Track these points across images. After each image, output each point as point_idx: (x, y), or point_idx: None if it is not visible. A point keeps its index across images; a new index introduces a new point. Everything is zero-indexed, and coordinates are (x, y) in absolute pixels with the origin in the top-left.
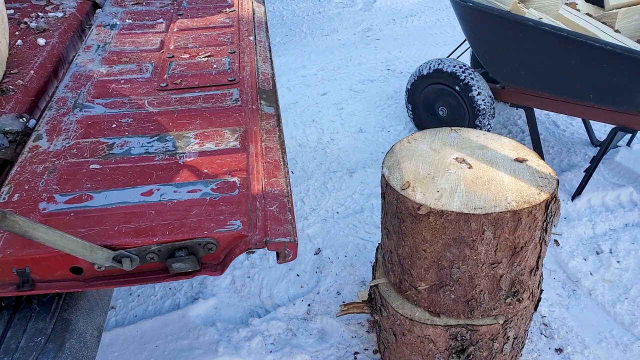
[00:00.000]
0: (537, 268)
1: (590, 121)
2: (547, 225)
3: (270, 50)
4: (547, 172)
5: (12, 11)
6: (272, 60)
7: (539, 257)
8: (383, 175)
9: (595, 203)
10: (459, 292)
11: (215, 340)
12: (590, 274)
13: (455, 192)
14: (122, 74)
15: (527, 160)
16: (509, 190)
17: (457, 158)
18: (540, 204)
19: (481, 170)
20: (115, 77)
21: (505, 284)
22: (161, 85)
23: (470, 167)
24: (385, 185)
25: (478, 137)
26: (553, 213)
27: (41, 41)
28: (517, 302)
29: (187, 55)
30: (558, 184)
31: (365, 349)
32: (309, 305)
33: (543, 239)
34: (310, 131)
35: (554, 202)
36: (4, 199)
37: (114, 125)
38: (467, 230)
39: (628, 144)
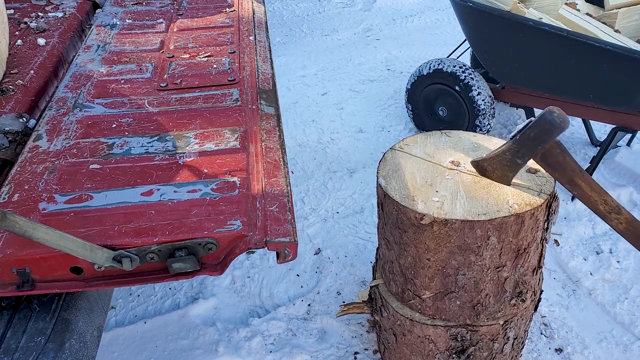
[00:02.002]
0: (539, 267)
1: (590, 121)
2: (547, 224)
3: (270, 50)
4: (543, 170)
5: (12, 11)
6: (272, 60)
7: (540, 256)
8: (380, 186)
9: None
10: (464, 298)
11: (215, 340)
12: (590, 274)
13: (456, 198)
14: (122, 74)
15: (529, 165)
16: (509, 193)
17: (452, 161)
18: (541, 205)
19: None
20: (115, 77)
21: (509, 286)
22: (161, 85)
23: (467, 170)
24: (384, 196)
25: (469, 138)
26: (553, 211)
27: (41, 41)
28: (521, 303)
29: (187, 55)
30: (555, 182)
31: (365, 349)
32: (309, 305)
33: (544, 238)
34: (310, 131)
35: (554, 201)
36: (4, 199)
37: (114, 125)
38: (472, 237)
39: (628, 144)
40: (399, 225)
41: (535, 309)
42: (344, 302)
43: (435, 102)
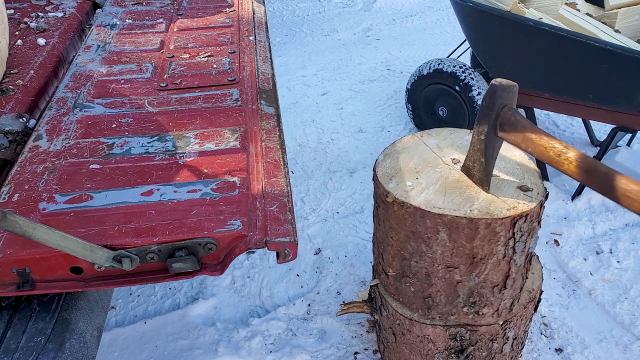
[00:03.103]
0: (505, 287)
1: (590, 121)
2: (515, 244)
3: (270, 50)
4: (537, 192)
5: (12, 11)
6: (272, 60)
7: (507, 277)
8: (377, 160)
9: (595, 203)
10: (417, 287)
11: (215, 340)
12: (590, 274)
13: (427, 189)
14: (122, 74)
15: (525, 182)
16: (481, 199)
17: (453, 159)
18: (503, 219)
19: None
20: (115, 77)
21: (463, 292)
22: (161, 85)
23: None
24: (374, 169)
25: None
26: (525, 233)
27: (41, 41)
28: (475, 314)
29: (187, 55)
30: (542, 206)
31: (365, 349)
32: (309, 305)
33: (511, 258)
34: (310, 131)
35: (525, 222)
36: (4, 199)
37: (114, 125)
38: (423, 226)
39: (628, 144)
40: (376, 199)
41: (535, 309)
42: (344, 302)
43: (435, 102)
